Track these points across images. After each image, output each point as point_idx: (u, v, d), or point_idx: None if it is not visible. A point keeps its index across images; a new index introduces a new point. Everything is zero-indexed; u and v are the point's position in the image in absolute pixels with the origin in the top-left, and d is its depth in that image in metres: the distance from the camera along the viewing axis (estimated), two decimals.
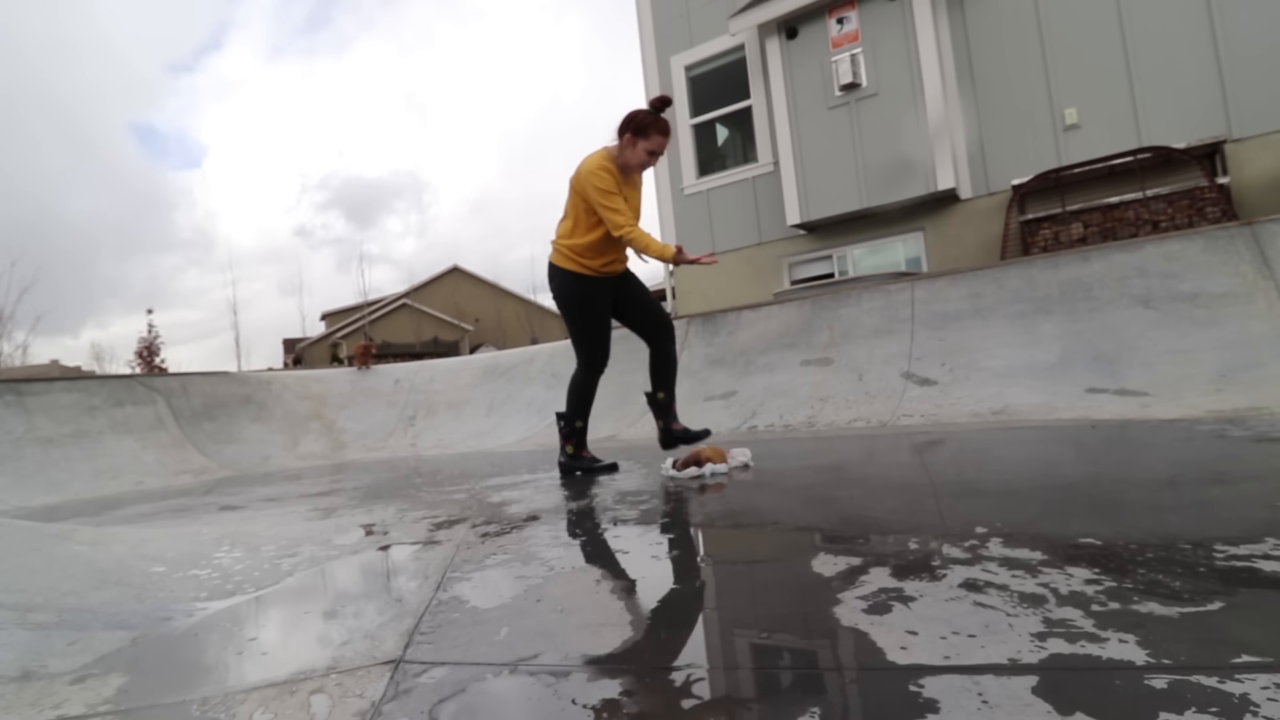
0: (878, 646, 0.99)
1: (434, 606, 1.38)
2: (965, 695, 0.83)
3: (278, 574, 1.78)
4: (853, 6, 7.35)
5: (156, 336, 22.62)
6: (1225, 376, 3.40)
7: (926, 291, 4.86)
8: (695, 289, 9.05)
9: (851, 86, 7.29)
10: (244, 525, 2.71)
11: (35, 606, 1.50)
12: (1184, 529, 1.46)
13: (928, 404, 4.10)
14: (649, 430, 4.95)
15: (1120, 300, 4.12)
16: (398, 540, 2.11)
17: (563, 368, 6.40)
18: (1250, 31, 6.01)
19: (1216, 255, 3.98)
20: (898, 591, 1.21)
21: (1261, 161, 5.98)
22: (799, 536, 1.80)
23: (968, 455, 2.79)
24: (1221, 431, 2.55)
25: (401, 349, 21.84)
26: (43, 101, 39.10)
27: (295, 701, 0.99)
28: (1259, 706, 0.74)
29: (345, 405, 7.01)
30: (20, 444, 5.05)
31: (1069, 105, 6.75)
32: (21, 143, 37.42)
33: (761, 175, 8.48)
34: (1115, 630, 0.96)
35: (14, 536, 2.08)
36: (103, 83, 51.96)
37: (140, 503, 3.99)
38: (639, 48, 9.57)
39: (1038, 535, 1.49)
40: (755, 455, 3.02)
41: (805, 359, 5.04)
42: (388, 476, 4.17)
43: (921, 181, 7.02)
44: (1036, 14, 6.88)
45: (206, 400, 6.44)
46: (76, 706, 1.04)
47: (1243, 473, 2.00)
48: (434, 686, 1.00)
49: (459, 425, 6.41)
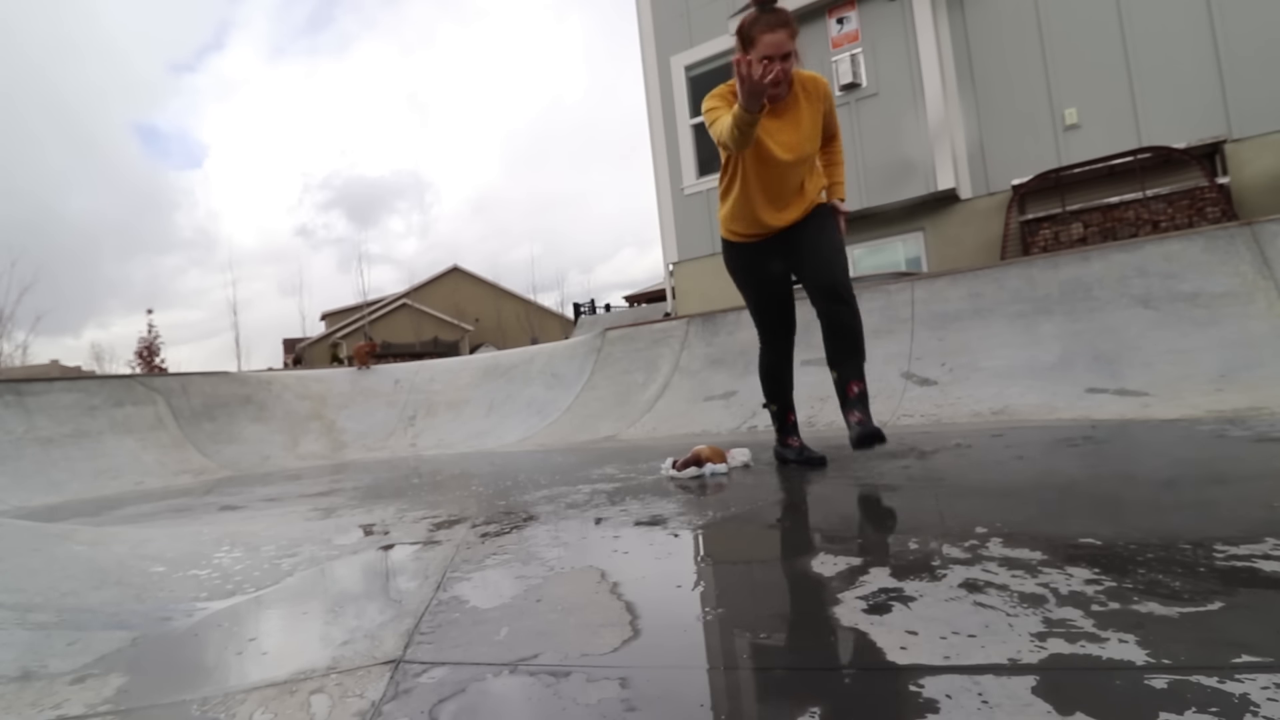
0: (878, 646, 0.99)
1: (434, 606, 1.38)
2: (965, 695, 0.83)
3: (278, 574, 1.78)
4: (853, 6, 7.35)
5: (156, 336, 22.65)
6: (1225, 376, 3.39)
7: (926, 291, 4.86)
8: (695, 289, 9.05)
9: (851, 86, 7.29)
10: (244, 525, 2.71)
11: (35, 606, 1.50)
12: (1184, 529, 1.46)
13: (928, 404, 4.10)
14: (649, 430, 4.95)
15: (1120, 300, 4.12)
16: (398, 540, 2.10)
17: (563, 368, 6.40)
18: (1250, 31, 6.01)
19: (1216, 255, 3.98)
20: (898, 591, 1.21)
21: (1261, 161, 5.98)
22: (799, 536, 1.80)
23: (967, 455, 2.79)
24: (1221, 431, 2.55)
25: (401, 349, 21.85)
26: (45, 101, 39.14)
27: (295, 701, 0.99)
28: (1259, 706, 0.74)
29: (345, 405, 7.00)
30: (20, 444, 5.05)
31: (1069, 105, 6.75)
32: (24, 142, 37.47)
33: None
34: (1115, 630, 0.96)
35: (14, 536, 2.08)
36: (105, 82, 52.03)
37: (140, 503, 3.98)
38: (639, 48, 9.58)
39: (1038, 535, 1.49)
40: (755, 455, 3.01)
41: (805, 359, 5.03)
42: (388, 476, 4.17)
43: (921, 181, 7.02)
44: (1036, 14, 6.88)
45: (206, 400, 6.44)
46: (76, 706, 1.04)
47: (1243, 473, 2.00)
48: (434, 686, 1.00)
49: (459, 425, 6.41)
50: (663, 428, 4.89)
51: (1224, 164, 6.08)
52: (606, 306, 20.17)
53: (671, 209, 9.23)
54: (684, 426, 4.79)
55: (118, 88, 55.69)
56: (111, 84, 54.34)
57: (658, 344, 5.96)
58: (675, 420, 4.97)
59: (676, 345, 5.85)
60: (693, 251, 9.06)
